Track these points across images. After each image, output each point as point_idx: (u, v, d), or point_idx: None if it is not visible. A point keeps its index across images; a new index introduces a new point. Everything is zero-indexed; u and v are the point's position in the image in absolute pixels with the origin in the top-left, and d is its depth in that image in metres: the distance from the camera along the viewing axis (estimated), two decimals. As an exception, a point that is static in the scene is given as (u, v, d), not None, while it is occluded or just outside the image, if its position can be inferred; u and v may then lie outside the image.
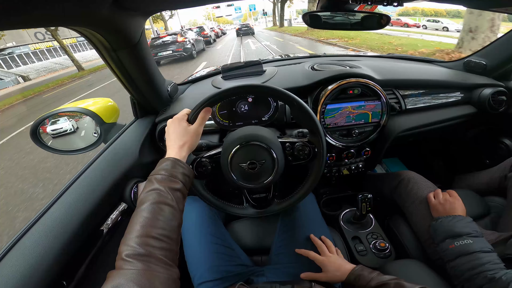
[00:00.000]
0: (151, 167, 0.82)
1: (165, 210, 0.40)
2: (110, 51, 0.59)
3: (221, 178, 0.61)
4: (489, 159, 1.07)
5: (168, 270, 0.35)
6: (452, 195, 0.72)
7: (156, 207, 0.40)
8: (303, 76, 0.90)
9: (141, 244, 0.35)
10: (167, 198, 0.42)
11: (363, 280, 0.54)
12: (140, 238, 0.35)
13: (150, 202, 0.40)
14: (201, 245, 0.69)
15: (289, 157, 0.61)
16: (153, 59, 0.73)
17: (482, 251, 0.56)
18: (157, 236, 0.37)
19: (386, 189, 0.91)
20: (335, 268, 0.62)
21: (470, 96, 0.95)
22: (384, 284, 0.50)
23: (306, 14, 0.77)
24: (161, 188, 0.42)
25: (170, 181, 0.44)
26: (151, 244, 0.35)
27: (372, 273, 0.55)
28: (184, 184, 0.46)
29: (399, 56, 1.22)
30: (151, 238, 0.36)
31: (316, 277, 0.62)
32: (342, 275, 0.60)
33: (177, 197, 0.44)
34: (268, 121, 0.83)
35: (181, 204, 0.45)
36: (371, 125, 0.86)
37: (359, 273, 0.57)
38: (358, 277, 0.56)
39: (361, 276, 0.56)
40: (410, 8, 36.13)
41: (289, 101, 0.57)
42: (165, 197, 0.42)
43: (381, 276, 0.53)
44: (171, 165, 0.47)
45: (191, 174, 0.50)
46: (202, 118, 0.55)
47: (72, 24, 0.46)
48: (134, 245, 0.34)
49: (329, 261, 0.63)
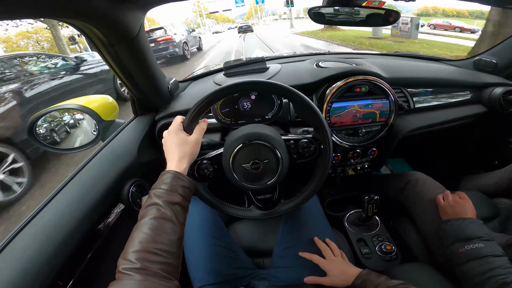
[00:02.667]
0: (150, 166, 0.81)
1: (164, 225, 0.40)
2: (108, 46, 0.56)
3: (223, 179, 0.59)
4: (498, 160, 1.05)
5: (166, 282, 0.34)
6: (462, 197, 0.69)
7: (155, 222, 0.40)
8: (308, 73, 0.87)
9: (138, 259, 0.35)
10: (166, 213, 0.42)
11: (370, 285, 0.52)
12: (138, 253, 0.36)
13: (149, 218, 0.40)
14: (202, 247, 0.68)
15: (293, 155, 0.59)
16: (153, 54, 0.70)
17: (493, 255, 0.54)
18: (155, 251, 0.37)
19: (392, 190, 0.89)
20: (340, 272, 0.60)
21: (480, 95, 0.93)
22: (392, 286, 0.49)
23: (310, 10, 0.74)
24: (159, 203, 0.42)
25: (169, 195, 0.44)
26: (148, 259, 0.36)
27: (379, 278, 0.53)
28: (184, 197, 0.46)
29: (407, 54, 1.19)
30: (149, 253, 0.36)
31: (320, 281, 0.60)
32: (348, 279, 0.58)
33: (176, 211, 0.43)
34: (272, 119, 0.81)
35: (181, 217, 0.44)
36: (378, 124, 0.83)
37: (366, 278, 0.55)
38: (364, 282, 0.54)
39: (368, 280, 0.54)
40: (430, 8, 34.69)
41: (292, 97, 0.55)
42: (163, 212, 0.42)
43: (388, 280, 0.51)
44: (171, 179, 0.46)
45: (192, 186, 0.49)
46: (201, 128, 0.55)
47: (65, 17, 0.43)
48: (132, 259, 0.35)
49: (334, 265, 0.61)
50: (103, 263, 0.59)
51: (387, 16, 0.70)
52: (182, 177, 0.47)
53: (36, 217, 0.50)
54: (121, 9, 0.49)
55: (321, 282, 0.60)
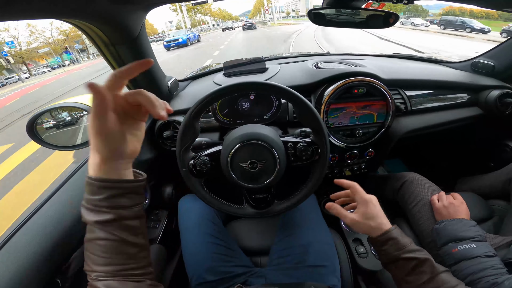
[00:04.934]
0: (149, 164, 0.81)
1: (128, 250, 0.34)
2: (109, 45, 0.57)
3: (220, 177, 0.59)
4: (494, 162, 1.06)
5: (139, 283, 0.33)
6: (456, 198, 0.71)
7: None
8: (306, 74, 0.88)
9: (106, 277, 0.32)
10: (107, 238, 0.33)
11: (392, 247, 0.46)
12: (101, 273, 0.32)
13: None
14: (200, 245, 0.68)
15: (291, 157, 0.60)
16: (154, 54, 0.71)
17: (485, 255, 0.55)
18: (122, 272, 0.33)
19: (388, 191, 0.90)
20: (372, 213, 0.50)
21: (477, 97, 0.93)
22: (411, 258, 0.45)
23: (310, 11, 0.75)
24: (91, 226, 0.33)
25: (97, 214, 0.32)
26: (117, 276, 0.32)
27: (405, 239, 0.47)
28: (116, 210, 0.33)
29: (405, 56, 1.20)
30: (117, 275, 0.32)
31: (343, 214, 0.53)
32: (376, 228, 0.49)
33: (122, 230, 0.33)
34: (270, 120, 0.82)
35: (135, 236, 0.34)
36: (375, 125, 0.84)
37: (394, 238, 0.47)
38: (388, 242, 0.47)
39: (393, 241, 0.47)
40: (456, 9, 32.59)
41: (293, 99, 0.55)
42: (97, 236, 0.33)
43: (412, 246, 0.47)
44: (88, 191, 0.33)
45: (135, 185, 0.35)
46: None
47: (68, 17, 0.44)
48: (100, 278, 0.32)
49: (369, 201, 0.52)
50: None
51: (387, 17, 0.70)
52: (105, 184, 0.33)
53: (36, 214, 0.51)
54: (123, 10, 0.50)
55: (343, 216, 0.54)
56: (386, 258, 0.48)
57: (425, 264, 0.44)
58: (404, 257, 0.46)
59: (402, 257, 0.46)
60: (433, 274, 0.43)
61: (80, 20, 0.48)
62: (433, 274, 0.43)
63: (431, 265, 0.44)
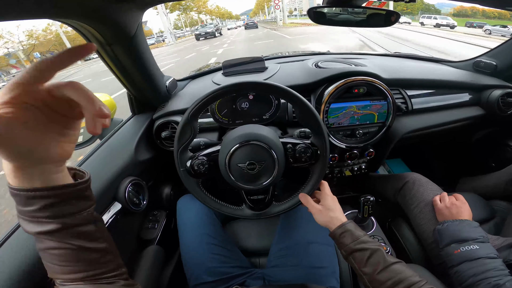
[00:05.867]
0: (147, 165, 0.81)
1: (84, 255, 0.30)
2: (105, 45, 0.56)
3: (218, 177, 0.59)
4: (495, 162, 1.05)
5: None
6: (458, 199, 0.70)
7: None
8: (306, 73, 0.87)
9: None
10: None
11: (348, 239, 0.50)
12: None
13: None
14: (198, 245, 0.68)
15: (290, 158, 0.59)
16: (151, 53, 0.70)
17: (487, 257, 0.55)
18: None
19: (389, 191, 0.89)
20: (333, 206, 0.56)
21: (478, 97, 0.93)
22: (365, 249, 0.47)
23: (310, 10, 0.74)
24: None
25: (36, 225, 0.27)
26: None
27: (359, 232, 0.50)
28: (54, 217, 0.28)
29: (407, 55, 1.19)
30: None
31: (311, 204, 0.57)
32: (332, 220, 0.54)
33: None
34: (269, 120, 0.81)
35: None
36: (376, 125, 0.83)
37: (348, 230, 0.51)
38: (344, 234, 0.51)
39: (348, 233, 0.50)
40: (468, 8, 31.26)
41: (294, 100, 0.54)
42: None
43: (365, 238, 0.49)
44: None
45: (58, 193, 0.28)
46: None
47: (61, 17, 0.43)
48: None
49: (332, 197, 0.59)
50: None
51: (389, 16, 0.69)
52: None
53: None
54: (118, 9, 0.49)
55: (310, 206, 0.58)
56: (344, 251, 0.50)
57: (377, 253, 0.46)
58: (357, 248, 0.48)
59: (356, 247, 0.48)
60: (386, 264, 0.45)
61: (74, 20, 0.47)
62: (385, 264, 0.45)
63: (382, 256, 0.46)
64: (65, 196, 0.28)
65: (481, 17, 23.29)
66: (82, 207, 0.30)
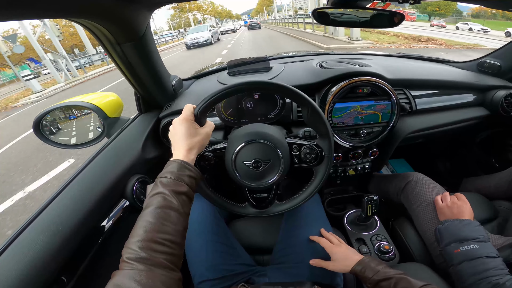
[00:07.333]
0: (154, 163, 0.82)
1: (170, 214, 0.39)
2: (114, 44, 0.57)
3: (222, 174, 0.59)
4: (499, 162, 1.05)
5: (169, 273, 0.34)
6: (460, 199, 0.70)
7: (160, 212, 0.39)
8: (311, 73, 0.87)
9: (143, 248, 0.34)
10: (172, 202, 0.41)
11: (369, 272, 0.53)
12: (143, 242, 0.35)
13: (155, 207, 0.39)
14: (202, 243, 0.69)
15: (294, 158, 0.60)
16: (158, 53, 0.71)
17: (488, 256, 0.55)
18: (160, 240, 0.36)
19: (392, 190, 0.90)
20: (344, 257, 0.61)
21: (483, 98, 0.93)
22: (389, 278, 0.50)
23: (314, 11, 0.74)
24: (166, 192, 0.41)
25: (175, 185, 0.43)
26: (153, 248, 0.35)
27: (379, 265, 0.54)
28: (190, 187, 0.45)
29: (411, 56, 1.19)
30: (154, 243, 0.36)
31: (324, 265, 0.62)
32: (350, 264, 0.59)
33: (182, 201, 0.42)
34: (274, 119, 0.82)
35: (186, 207, 0.43)
36: (380, 125, 0.84)
37: (366, 264, 0.55)
38: (364, 268, 0.55)
39: (368, 267, 0.55)
40: (488, 9, 29.83)
41: (302, 102, 0.55)
42: (169, 201, 0.41)
43: (387, 269, 0.52)
44: (177, 168, 0.45)
45: (198, 176, 0.47)
46: (212, 123, 0.55)
47: (73, 16, 0.44)
48: (136, 249, 0.34)
49: (340, 250, 0.63)
50: (107, 258, 0.60)
51: (392, 17, 0.70)
52: (189, 167, 0.46)
53: (42, 212, 0.51)
54: (128, 9, 0.50)
55: (325, 265, 0.62)
56: (369, 283, 0.53)
57: (402, 280, 0.48)
58: (381, 278, 0.51)
59: (380, 278, 0.51)
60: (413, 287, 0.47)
61: (87, 20, 0.48)
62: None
63: (408, 281, 0.48)
64: (196, 170, 0.48)
65: (502, 18, 22.31)
66: (199, 179, 0.49)
